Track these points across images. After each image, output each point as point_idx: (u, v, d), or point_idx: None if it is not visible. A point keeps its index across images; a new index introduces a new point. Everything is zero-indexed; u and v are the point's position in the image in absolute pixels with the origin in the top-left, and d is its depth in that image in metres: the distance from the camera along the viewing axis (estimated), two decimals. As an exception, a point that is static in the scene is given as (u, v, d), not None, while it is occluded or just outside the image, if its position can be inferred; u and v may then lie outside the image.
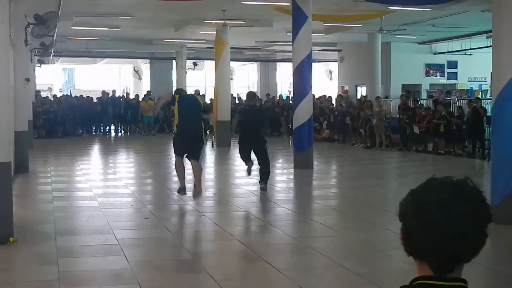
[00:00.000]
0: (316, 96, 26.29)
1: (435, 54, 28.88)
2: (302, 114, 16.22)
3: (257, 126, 12.40)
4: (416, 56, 28.30)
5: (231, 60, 24.33)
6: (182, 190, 11.37)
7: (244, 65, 41.49)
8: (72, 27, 22.17)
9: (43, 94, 33.49)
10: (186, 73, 30.38)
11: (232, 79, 30.21)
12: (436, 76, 29.22)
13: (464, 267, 1.80)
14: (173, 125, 11.55)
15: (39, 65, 28.89)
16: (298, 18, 16.01)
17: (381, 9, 18.01)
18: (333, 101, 27.22)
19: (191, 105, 11.07)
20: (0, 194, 7.89)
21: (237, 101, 32.75)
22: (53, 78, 50.60)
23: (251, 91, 16.75)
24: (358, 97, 28.46)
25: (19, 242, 7.96)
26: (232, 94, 30.20)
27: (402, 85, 27.63)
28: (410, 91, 25.79)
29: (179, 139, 11.01)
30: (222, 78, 23.10)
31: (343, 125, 24.83)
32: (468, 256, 1.76)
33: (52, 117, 26.92)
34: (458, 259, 1.76)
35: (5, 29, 7.91)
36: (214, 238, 9.02)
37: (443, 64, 29.25)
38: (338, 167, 18.70)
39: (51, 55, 26.65)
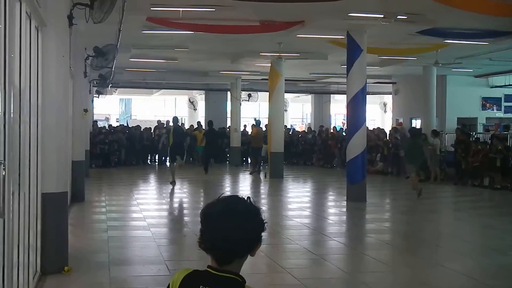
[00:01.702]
0: (370, 129, 26.14)
1: (491, 87, 28.41)
2: (356, 146, 16.13)
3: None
4: (472, 89, 27.89)
5: (285, 91, 24.42)
6: (173, 183, 19.43)
7: (299, 96, 41.56)
8: (130, 59, 22.65)
9: (100, 124, 34.16)
10: (240, 104, 30.61)
11: (286, 110, 30.27)
12: (493, 110, 28.72)
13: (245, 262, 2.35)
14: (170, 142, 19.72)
15: (97, 96, 29.54)
16: (353, 51, 16.03)
17: (437, 42, 17.86)
18: (387, 134, 27.01)
19: (179, 130, 20.62)
20: (57, 224, 8.02)
21: (290, 133, 32.86)
22: (110, 108, 51.58)
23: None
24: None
25: (73, 271, 8.06)
26: (286, 126, 30.28)
27: (458, 118, 27.23)
28: (466, 124, 25.38)
29: (174, 150, 19.69)
30: (276, 110, 23.19)
31: (397, 158, 24.56)
32: (241, 254, 2.33)
33: (108, 147, 27.42)
34: (231, 256, 2.31)
35: (66, 62, 8.13)
36: (267, 271, 8.96)
37: (500, 98, 28.75)
38: (392, 200, 18.44)
39: (109, 86, 27.23)
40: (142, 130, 30.26)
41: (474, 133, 23.62)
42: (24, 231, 6.46)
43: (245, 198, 2.37)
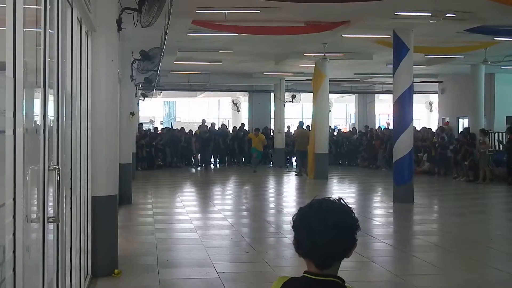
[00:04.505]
0: (417, 128, 25.82)
1: (542, 85, 27.75)
2: (403, 146, 15.95)
3: None
4: (522, 88, 27.28)
5: (329, 92, 24.28)
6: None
7: (342, 97, 41.30)
8: (175, 62, 22.81)
9: (145, 127, 34.48)
10: (284, 105, 30.56)
11: (330, 111, 30.10)
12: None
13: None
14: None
15: (142, 98, 29.82)
16: (399, 50, 15.86)
17: (486, 40, 17.53)
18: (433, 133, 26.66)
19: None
20: (107, 227, 8.09)
21: (335, 133, 32.67)
22: (155, 110, 52.08)
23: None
24: (460, 129, 27.72)
25: (123, 274, 8.13)
26: (330, 126, 30.12)
27: (507, 117, 26.66)
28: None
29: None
30: (320, 111, 23.07)
31: (444, 158, 24.22)
32: (340, 257, 2.33)
33: (154, 150, 27.65)
34: (331, 258, 2.31)
35: (114, 66, 8.19)
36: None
37: (551, 96, 28.02)
38: (440, 201, 18.12)
39: (154, 89, 27.48)
40: (187, 132, 30.44)
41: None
42: (76, 235, 6.53)
43: (338, 199, 2.39)
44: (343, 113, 52.36)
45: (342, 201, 2.38)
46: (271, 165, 30.23)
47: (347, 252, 2.34)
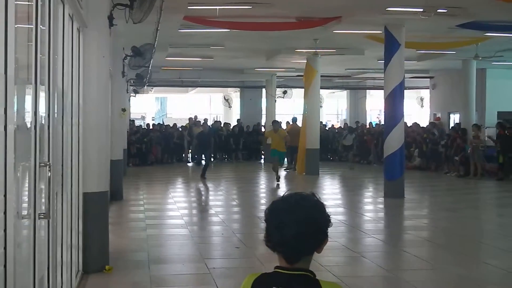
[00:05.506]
0: (408, 124, 25.87)
1: (534, 80, 27.88)
2: (394, 142, 15.99)
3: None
4: (514, 83, 27.37)
5: (321, 88, 24.29)
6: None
7: (333, 92, 41.35)
8: (166, 58, 22.78)
9: (137, 123, 34.42)
10: (275, 101, 30.58)
11: (321, 107, 30.14)
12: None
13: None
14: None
15: (134, 95, 29.76)
16: (391, 46, 15.89)
17: (477, 35, 17.58)
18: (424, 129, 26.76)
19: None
20: (98, 223, 8.08)
21: (326, 129, 32.67)
22: (146, 106, 52.01)
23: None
24: (451, 124, 27.81)
25: (114, 270, 8.12)
26: (321, 122, 30.13)
27: (498, 112, 26.76)
28: (506, 119, 24.93)
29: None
30: (312, 106, 23.08)
31: (435, 153, 24.30)
32: (309, 251, 2.31)
33: (145, 146, 27.61)
34: (301, 253, 2.28)
35: (106, 63, 8.18)
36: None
37: (542, 91, 28.12)
38: (431, 196, 18.17)
39: (146, 85, 27.44)
40: (180, 128, 30.39)
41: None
42: (67, 231, 6.53)
43: (310, 194, 2.35)
44: (334, 108, 52.41)
45: (314, 196, 2.35)
46: (262, 161, 30.27)
47: (317, 247, 2.31)
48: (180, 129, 30.29)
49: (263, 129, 31.33)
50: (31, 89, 4.14)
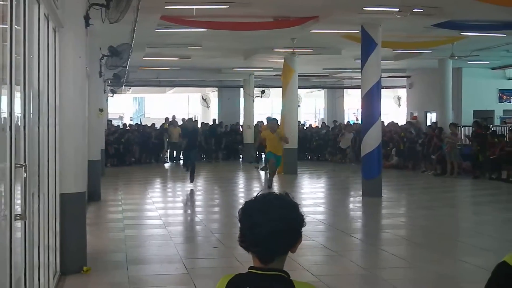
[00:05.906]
0: (385, 123, 26.02)
1: (509, 79, 28.19)
2: (371, 141, 16.07)
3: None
4: (489, 82, 27.63)
5: (298, 87, 24.34)
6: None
7: (311, 92, 41.47)
8: (144, 58, 22.69)
9: (115, 123, 34.24)
10: (253, 100, 30.60)
11: (299, 106, 30.20)
12: (510, 102, 28.40)
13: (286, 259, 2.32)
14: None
15: (111, 95, 29.59)
16: (367, 45, 15.97)
17: (453, 35, 17.73)
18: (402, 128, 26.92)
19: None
20: (76, 224, 8.03)
21: (305, 128, 32.79)
22: (124, 106, 51.76)
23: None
24: (428, 123, 28.02)
25: (92, 271, 8.08)
26: (299, 121, 30.20)
27: (474, 111, 27.04)
28: (483, 117, 25.22)
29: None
30: (290, 106, 23.13)
31: (413, 152, 24.47)
32: (283, 251, 2.30)
33: (123, 146, 27.47)
34: (273, 253, 2.27)
35: (82, 63, 8.14)
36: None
37: (518, 90, 28.51)
38: (408, 195, 18.28)
39: (123, 85, 27.29)
40: (159, 128, 30.28)
41: (491, 126, 23.41)
42: (44, 232, 6.48)
43: (284, 194, 2.36)
44: (312, 108, 52.55)
45: (288, 195, 2.35)
46: (240, 160, 30.30)
47: (291, 246, 2.30)
48: (159, 128, 30.17)
49: (241, 129, 31.37)
50: (6, 90, 4.11)
